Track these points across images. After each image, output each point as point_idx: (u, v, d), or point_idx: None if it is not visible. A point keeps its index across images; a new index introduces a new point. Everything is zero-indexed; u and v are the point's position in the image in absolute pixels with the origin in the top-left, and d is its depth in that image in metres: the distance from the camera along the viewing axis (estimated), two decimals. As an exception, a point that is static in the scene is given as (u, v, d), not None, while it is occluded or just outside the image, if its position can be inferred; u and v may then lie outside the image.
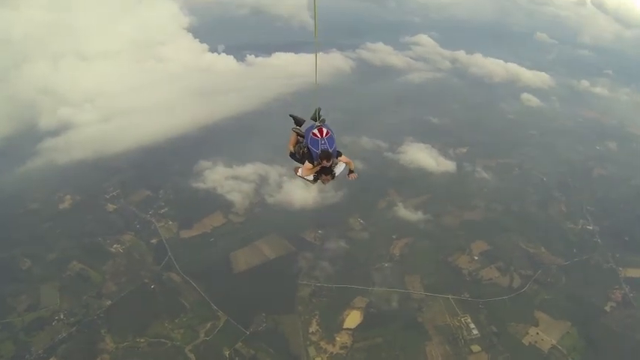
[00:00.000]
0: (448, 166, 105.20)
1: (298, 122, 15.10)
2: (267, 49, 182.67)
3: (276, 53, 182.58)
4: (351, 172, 14.43)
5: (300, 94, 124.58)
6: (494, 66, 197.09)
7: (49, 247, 72.89)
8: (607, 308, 68.75)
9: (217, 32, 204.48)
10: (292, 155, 14.94)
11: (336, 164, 13.98)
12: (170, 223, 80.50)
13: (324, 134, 13.61)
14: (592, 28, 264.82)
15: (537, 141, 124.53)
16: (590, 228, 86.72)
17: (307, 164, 13.82)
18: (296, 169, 14.30)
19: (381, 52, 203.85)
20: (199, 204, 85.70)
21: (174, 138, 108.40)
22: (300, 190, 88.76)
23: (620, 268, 76.84)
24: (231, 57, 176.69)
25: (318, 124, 14.04)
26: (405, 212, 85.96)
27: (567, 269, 75.78)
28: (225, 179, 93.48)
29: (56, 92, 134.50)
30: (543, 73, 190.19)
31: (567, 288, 71.94)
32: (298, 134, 14.82)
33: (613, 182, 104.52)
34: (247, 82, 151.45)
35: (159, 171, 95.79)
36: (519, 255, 77.90)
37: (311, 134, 13.67)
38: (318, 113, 14.65)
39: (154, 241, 76.24)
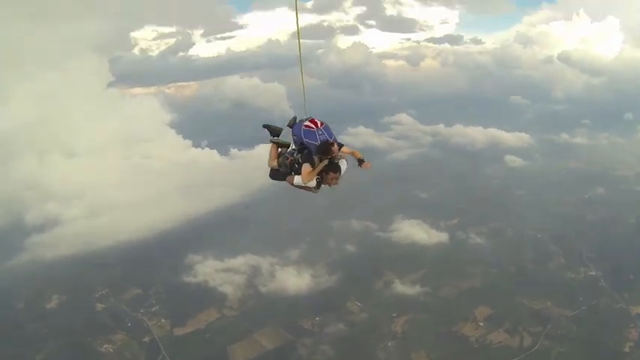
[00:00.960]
0: (441, 237, 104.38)
1: (275, 133, 13.27)
2: (249, 142, 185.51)
3: (260, 145, 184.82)
4: (361, 161, 12.29)
5: (283, 184, 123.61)
6: (474, 134, 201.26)
7: (36, 349, 71.20)
8: (626, 349, 66.92)
9: (200, 127, 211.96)
10: (274, 173, 12.90)
11: (340, 159, 12.01)
12: (163, 320, 79.02)
13: (319, 125, 11.72)
14: (562, 82, 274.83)
15: (526, 200, 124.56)
16: (593, 274, 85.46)
17: (306, 167, 11.60)
18: (290, 179, 12.22)
19: (362, 136, 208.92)
20: (192, 299, 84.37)
21: (162, 233, 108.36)
22: (293, 278, 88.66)
23: (632, 307, 75.22)
24: (215, 151, 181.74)
25: (306, 118, 12.05)
26: (403, 288, 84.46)
27: (577, 318, 73.96)
28: (217, 272, 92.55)
29: (43, 187, 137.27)
30: (523, 134, 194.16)
31: (581, 336, 69.99)
32: (279, 145, 12.97)
33: (607, 225, 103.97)
34: (232, 174, 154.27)
35: (148, 267, 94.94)
36: (525, 313, 75.77)
37: (303, 127, 11.71)
38: (295, 122, 12.63)
39: (146, 339, 74.46)
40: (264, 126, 13.58)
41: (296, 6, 11.18)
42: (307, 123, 11.66)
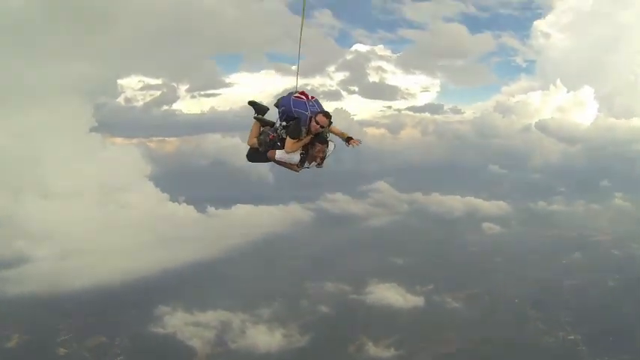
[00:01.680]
0: (417, 301, 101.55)
1: (261, 111, 12.57)
2: (227, 201, 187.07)
3: (237, 205, 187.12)
4: (349, 138, 11.64)
5: (258, 243, 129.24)
6: (452, 202, 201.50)
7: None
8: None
9: (178, 182, 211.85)
10: (252, 153, 12.39)
11: (329, 138, 11.62)
12: (127, 371, 74.12)
13: (309, 98, 11.55)
14: (539, 151, 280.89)
15: (504, 267, 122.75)
16: (572, 338, 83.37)
17: (290, 140, 11.24)
18: (271, 154, 11.72)
19: (340, 202, 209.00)
20: (158, 351, 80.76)
21: (132, 281, 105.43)
22: (264, 336, 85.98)
23: (615, 369, 72.45)
24: (192, 207, 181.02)
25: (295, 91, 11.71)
26: (377, 352, 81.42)
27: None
28: (186, 325, 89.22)
29: (14, 224, 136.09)
30: (501, 202, 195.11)
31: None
32: (262, 123, 12.37)
33: (585, 289, 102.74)
34: (208, 231, 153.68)
35: (115, 315, 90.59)
36: (503, 379, 73.41)
37: (293, 98, 11.42)
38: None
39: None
40: (250, 102, 12.76)
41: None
42: (297, 94, 11.50)
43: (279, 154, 11.64)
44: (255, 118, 12.46)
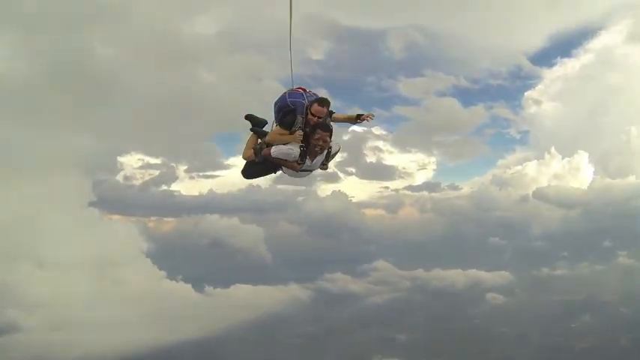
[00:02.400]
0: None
1: (258, 124, 11.81)
2: (225, 281, 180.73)
3: (235, 284, 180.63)
4: (359, 116, 10.65)
5: (257, 322, 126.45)
6: (454, 276, 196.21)
7: None
8: None
9: (176, 261, 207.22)
10: (248, 167, 11.40)
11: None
12: None
13: (307, 91, 10.74)
14: (538, 219, 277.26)
15: (512, 336, 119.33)
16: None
17: (277, 128, 10.55)
18: (266, 151, 10.64)
19: (339, 282, 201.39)
20: None
21: (125, 357, 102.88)
22: None
23: None
24: (189, 286, 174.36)
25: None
26: None
27: None
28: None
29: (7, 293, 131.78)
30: (503, 271, 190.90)
31: None
32: (259, 135, 11.60)
33: (598, 351, 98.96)
34: (205, 310, 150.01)
35: None
36: None
37: (288, 92, 10.66)
38: None
39: None
40: (247, 116, 11.90)
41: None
42: (295, 89, 10.83)
43: (274, 150, 10.54)
44: (251, 130, 11.67)
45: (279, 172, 11.46)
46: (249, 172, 11.49)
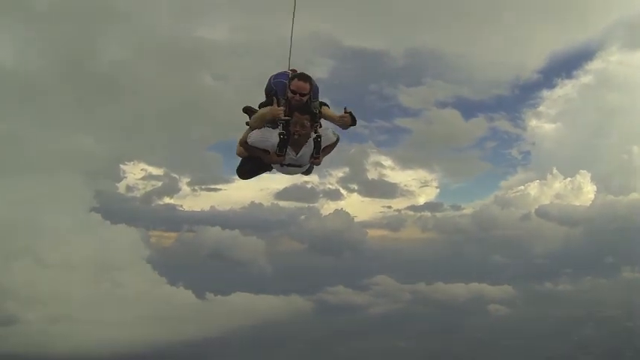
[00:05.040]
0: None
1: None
2: (226, 289, 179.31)
3: (236, 292, 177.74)
4: (342, 117, 9.56)
5: (257, 328, 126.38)
6: (456, 289, 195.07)
7: None
8: None
9: (177, 268, 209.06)
10: (243, 164, 10.27)
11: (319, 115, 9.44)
12: None
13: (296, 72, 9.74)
14: (541, 237, 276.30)
15: (513, 347, 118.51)
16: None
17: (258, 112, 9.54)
18: (244, 139, 9.56)
19: (341, 294, 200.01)
20: None
21: (122, 353, 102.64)
22: None
23: None
24: (190, 291, 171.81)
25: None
26: None
27: None
28: None
29: (4, 287, 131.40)
30: (506, 286, 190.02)
31: None
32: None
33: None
34: (205, 314, 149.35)
35: None
36: None
37: (274, 74, 9.79)
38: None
39: None
40: (245, 109, 10.47)
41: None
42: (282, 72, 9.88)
43: (251, 136, 9.36)
44: (247, 123, 10.24)
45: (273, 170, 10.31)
46: (244, 169, 10.37)
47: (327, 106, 9.68)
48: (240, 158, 10.25)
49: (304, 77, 9.10)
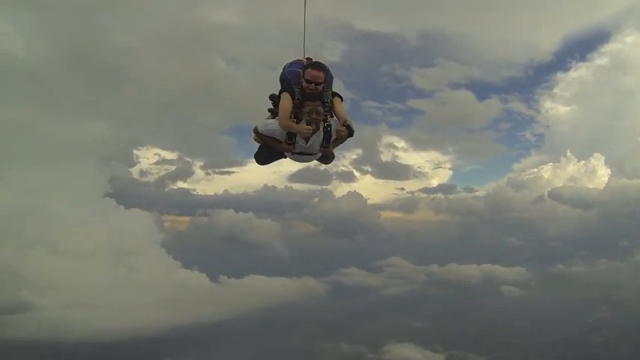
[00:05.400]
0: (438, 358, 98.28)
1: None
2: (240, 273, 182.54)
3: (249, 275, 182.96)
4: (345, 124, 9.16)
5: (271, 309, 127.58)
6: (469, 270, 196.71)
7: None
8: None
9: (191, 252, 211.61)
10: (260, 151, 9.97)
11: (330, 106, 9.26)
12: None
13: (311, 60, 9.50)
14: (555, 220, 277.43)
15: (526, 327, 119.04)
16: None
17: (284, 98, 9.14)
18: (254, 129, 9.55)
19: (355, 276, 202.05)
20: None
21: (138, 337, 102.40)
22: None
23: None
24: (204, 275, 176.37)
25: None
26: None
27: None
28: None
29: (20, 275, 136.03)
30: (519, 267, 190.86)
31: None
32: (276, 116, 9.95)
33: (615, 345, 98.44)
34: (220, 297, 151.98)
35: None
36: None
37: (289, 63, 9.64)
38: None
39: None
40: (271, 96, 10.02)
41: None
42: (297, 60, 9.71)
43: (261, 125, 9.44)
44: (269, 110, 10.08)
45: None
46: (260, 156, 10.12)
47: (341, 98, 9.43)
48: (258, 144, 10.03)
49: (319, 66, 9.01)
